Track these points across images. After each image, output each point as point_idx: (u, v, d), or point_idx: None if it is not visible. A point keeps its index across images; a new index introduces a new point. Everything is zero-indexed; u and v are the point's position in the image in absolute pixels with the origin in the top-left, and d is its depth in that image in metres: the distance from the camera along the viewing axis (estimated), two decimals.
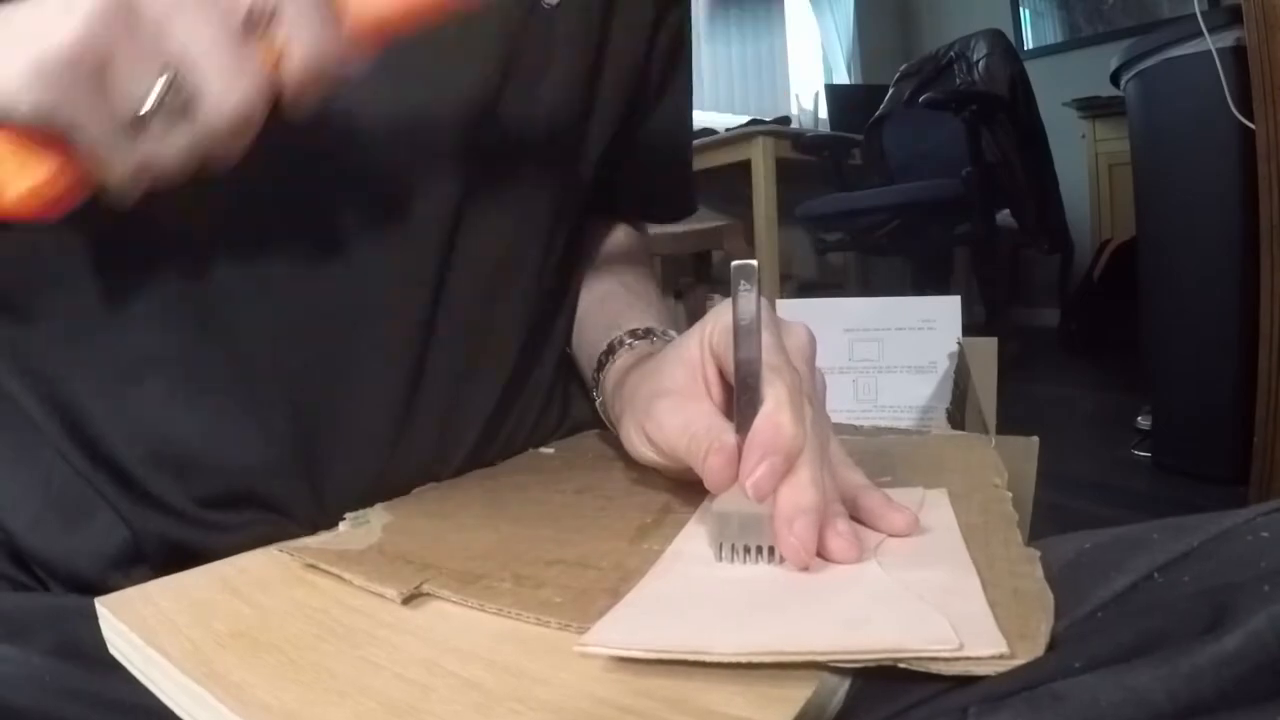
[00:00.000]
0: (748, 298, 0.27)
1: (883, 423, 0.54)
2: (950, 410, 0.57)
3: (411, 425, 0.37)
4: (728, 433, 0.27)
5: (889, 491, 0.34)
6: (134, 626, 0.25)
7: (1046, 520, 0.34)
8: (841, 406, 0.60)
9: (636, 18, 0.43)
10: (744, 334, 0.27)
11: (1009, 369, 0.54)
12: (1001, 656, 0.20)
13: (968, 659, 0.19)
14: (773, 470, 0.25)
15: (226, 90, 0.23)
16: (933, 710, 0.20)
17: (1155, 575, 0.22)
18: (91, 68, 0.21)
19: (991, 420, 0.45)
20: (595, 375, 0.42)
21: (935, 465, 0.38)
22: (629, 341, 0.41)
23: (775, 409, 0.26)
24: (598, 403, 0.41)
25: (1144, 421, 1.60)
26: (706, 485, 0.28)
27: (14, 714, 0.24)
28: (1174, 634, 0.18)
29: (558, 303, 0.46)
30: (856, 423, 0.49)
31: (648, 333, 0.42)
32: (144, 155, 0.23)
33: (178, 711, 0.23)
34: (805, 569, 0.25)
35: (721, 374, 0.31)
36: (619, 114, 0.44)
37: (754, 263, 0.27)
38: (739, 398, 0.27)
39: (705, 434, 0.28)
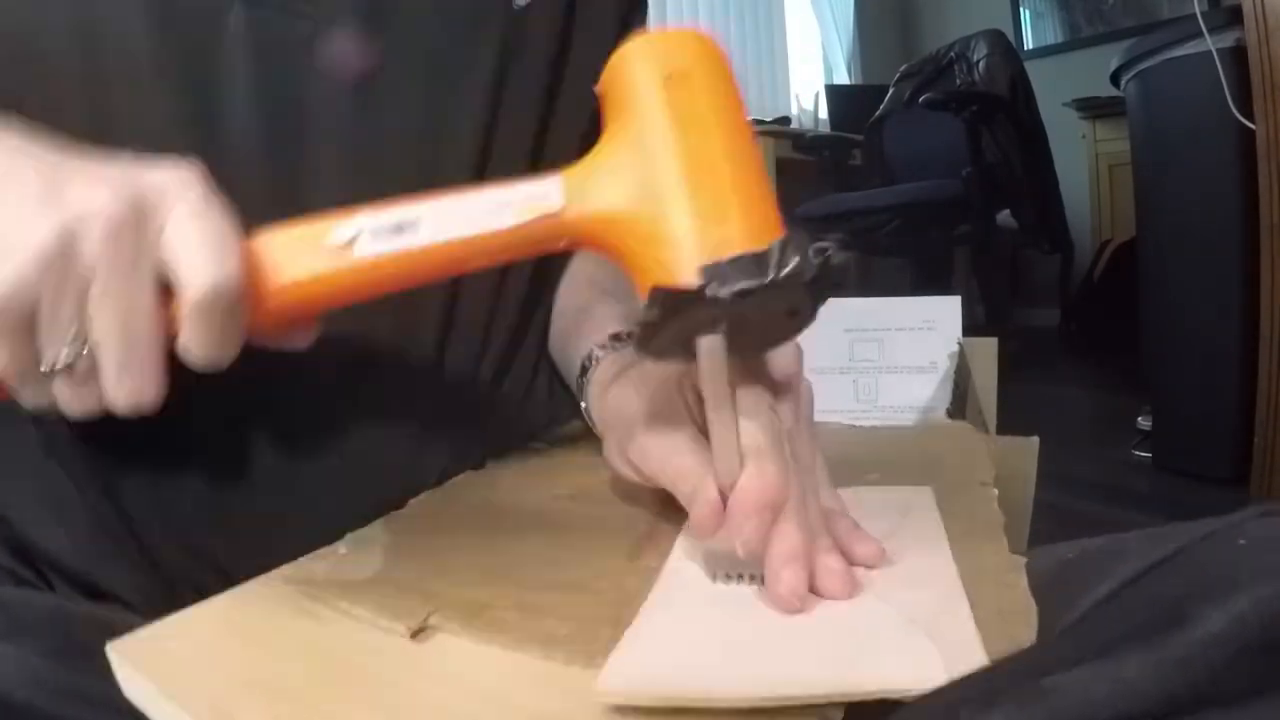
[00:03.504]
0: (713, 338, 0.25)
1: (882, 423, 0.54)
2: (950, 411, 0.57)
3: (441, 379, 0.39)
4: (709, 479, 0.27)
5: (874, 490, 0.34)
6: (149, 675, 0.24)
7: (1047, 521, 0.34)
8: (841, 407, 0.60)
9: (600, 20, 0.45)
10: (709, 372, 0.26)
11: (1009, 369, 0.54)
12: None
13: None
14: (760, 528, 0.25)
15: (121, 375, 0.24)
16: (923, 712, 0.20)
17: (1138, 580, 0.22)
18: (13, 318, 0.23)
19: (991, 420, 0.45)
20: (579, 380, 0.43)
21: (924, 460, 0.38)
22: (612, 345, 0.42)
23: (757, 463, 0.26)
24: (583, 407, 0.42)
25: (1144, 421, 1.60)
26: (694, 532, 0.28)
27: (11, 711, 0.24)
28: (1154, 628, 0.18)
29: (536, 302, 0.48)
30: (856, 423, 0.49)
31: (630, 336, 0.42)
32: (54, 396, 0.25)
33: None
34: (797, 613, 0.25)
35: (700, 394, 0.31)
36: (587, 115, 0.45)
37: None
38: (712, 429, 0.26)
39: (689, 475, 0.28)
